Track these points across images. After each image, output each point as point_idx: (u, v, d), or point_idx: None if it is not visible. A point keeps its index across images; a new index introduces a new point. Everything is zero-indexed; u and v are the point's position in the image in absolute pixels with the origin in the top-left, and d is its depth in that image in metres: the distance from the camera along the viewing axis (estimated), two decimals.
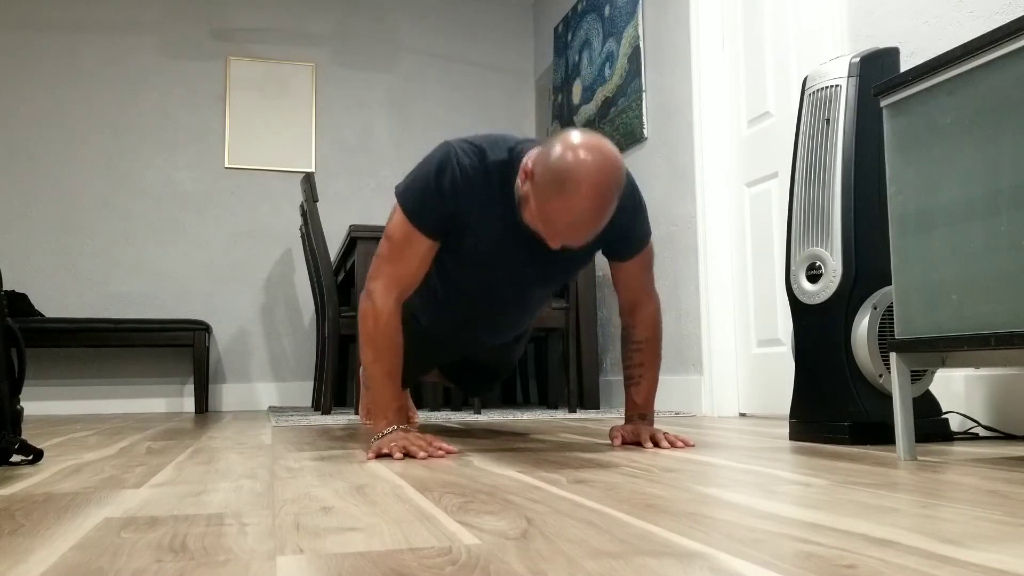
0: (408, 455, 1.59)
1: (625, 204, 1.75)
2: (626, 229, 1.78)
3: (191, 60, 4.84)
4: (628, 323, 1.89)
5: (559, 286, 1.94)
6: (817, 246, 1.93)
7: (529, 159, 1.54)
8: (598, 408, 3.86)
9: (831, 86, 1.96)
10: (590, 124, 4.32)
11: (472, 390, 2.42)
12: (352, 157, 5.01)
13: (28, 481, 1.31)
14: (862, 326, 1.84)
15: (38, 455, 1.57)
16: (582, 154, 1.43)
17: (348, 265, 3.90)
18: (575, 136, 1.47)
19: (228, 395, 4.70)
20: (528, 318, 2.04)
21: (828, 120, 1.95)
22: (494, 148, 1.67)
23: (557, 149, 1.46)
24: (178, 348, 4.63)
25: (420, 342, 2.01)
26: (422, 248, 1.69)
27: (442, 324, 1.98)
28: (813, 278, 1.94)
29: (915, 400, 1.84)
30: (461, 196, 1.66)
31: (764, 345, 3.03)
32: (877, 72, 1.95)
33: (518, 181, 1.57)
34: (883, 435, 1.82)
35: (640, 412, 1.89)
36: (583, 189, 1.42)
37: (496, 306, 1.92)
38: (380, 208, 5.01)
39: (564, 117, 4.71)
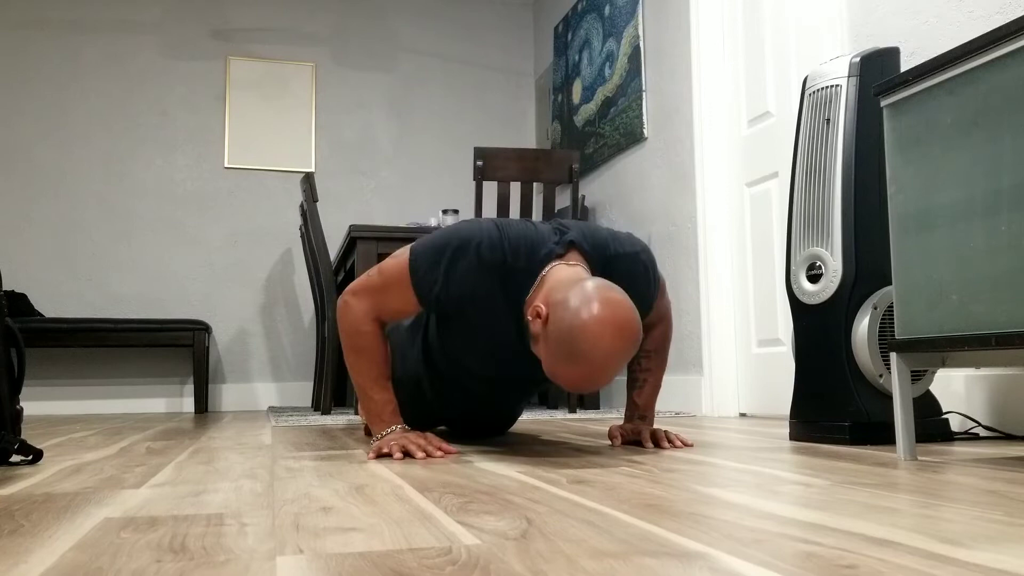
0: (408, 455, 1.59)
1: (647, 306, 1.72)
2: (647, 311, 1.76)
3: (191, 60, 4.84)
4: None
5: None
6: (817, 246, 1.93)
7: (543, 299, 1.49)
8: (598, 408, 3.86)
9: (831, 86, 1.96)
10: (590, 123, 4.32)
11: (478, 439, 2.42)
12: (352, 157, 5.01)
13: (28, 481, 1.31)
14: (862, 326, 1.84)
15: (38, 455, 1.57)
16: (597, 326, 1.36)
17: (348, 265, 3.90)
18: (591, 291, 1.40)
19: (228, 395, 4.70)
20: (537, 388, 2.02)
21: (828, 120, 1.95)
22: (517, 254, 1.60)
23: (572, 307, 1.39)
24: (178, 348, 4.63)
25: (426, 405, 2.00)
26: (408, 300, 1.66)
27: (448, 394, 1.96)
28: (813, 278, 1.94)
29: (915, 400, 1.84)
30: (467, 286, 1.62)
31: (764, 345, 3.03)
32: (877, 72, 1.95)
33: (529, 311, 1.50)
34: (883, 435, 1.82)
35: (641, 413, 1.89)
36: (594, 364, 1.38)
37: (503, 383, 1.90)
38: (380, 208, 5.01)
39: (564, 117, 4.71)
